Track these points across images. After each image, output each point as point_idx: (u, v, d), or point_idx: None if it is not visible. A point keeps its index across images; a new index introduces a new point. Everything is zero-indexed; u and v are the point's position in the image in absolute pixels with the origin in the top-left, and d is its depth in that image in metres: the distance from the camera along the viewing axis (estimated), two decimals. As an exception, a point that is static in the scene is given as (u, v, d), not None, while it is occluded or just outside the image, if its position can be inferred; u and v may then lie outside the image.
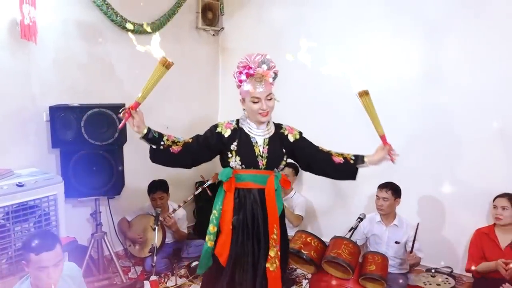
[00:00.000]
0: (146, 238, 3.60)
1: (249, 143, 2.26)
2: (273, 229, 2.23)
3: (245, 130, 2.29)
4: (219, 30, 4.63)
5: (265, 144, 2.27)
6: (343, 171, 2.37)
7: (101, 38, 3.56)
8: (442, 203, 3.44)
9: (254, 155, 2.24)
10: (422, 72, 3.42)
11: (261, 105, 2.21)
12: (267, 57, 2.30)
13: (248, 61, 2.27)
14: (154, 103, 4.02)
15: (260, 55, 2.28)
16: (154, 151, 2.28)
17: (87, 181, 3.07)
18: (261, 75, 2.26)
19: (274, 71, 2.33)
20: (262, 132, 2.30)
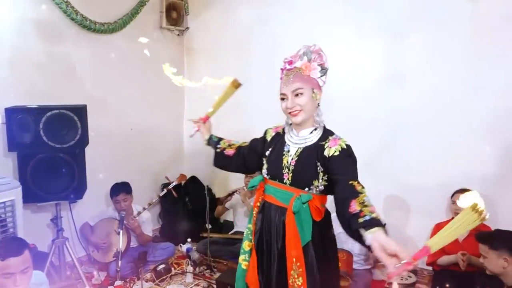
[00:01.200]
0: (110, 242, 3.50)
1: (281, 151, 1.91)
2: (292, 264, 1.79)
3: (284, 136, 1.97)
4: (184, 30, 4.57)
5: (295, 155, 1.86)
6: (345, 223, 1.62)
7: (61, 37, 3.43)
8: (404, 201, 3.53)
9: (281, 166, 1.87)
10: (384, 73, 3.50)
11: (287, 103, 1.84)
12: (314, 48, 1.88)
13: (292, 56, 1.93)
14: (117, 104, 3.94)
15: (305, 46, 1.90)
16: (214, 155, 2.26)
17: (47, 186, 2.94)
18: (296, 69, 1.88)
19: (319, 63, 1.87)
20: (299, 140, 1.89)
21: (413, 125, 3.43)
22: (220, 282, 3.16)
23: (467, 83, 3.20)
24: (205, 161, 4.61)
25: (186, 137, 4.78)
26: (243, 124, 4.32)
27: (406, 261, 1.32)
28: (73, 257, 3.18)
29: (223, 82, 2.24)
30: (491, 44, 3.08)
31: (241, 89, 4.21)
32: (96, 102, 3.63)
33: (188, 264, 3.57)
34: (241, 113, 4.31)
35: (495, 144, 3.15)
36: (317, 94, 1.87)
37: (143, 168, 4.24)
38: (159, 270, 3.40)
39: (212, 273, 3.49)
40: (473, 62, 3.15)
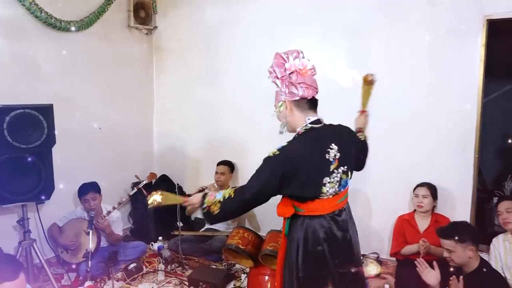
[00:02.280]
0: (80, 243, 3.43)
1: None
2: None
3: None
4: (152, 29, 4.51)
5: None
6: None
7: (24, 35, 3.33)
8: (368, 195, 3.64)
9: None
10: (347, 72, 3.57)
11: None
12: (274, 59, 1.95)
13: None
14: (85, 103, 3.86)
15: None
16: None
17: (12, 187, 2.85)
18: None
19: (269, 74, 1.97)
20: None
21: (375, 122, 3.51)
22: (192, 279, 3.16)
23: (426, 82, 3.32)
24: (175, 159, 4.60)
25: (156, 135, 4.74)
26: (212, 122, 4.33)
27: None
28: (41, 259, 3.10)
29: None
30: (449, 45, 3.21)
31: (209, 88, 4.24)
32: (63, 101, 3.55)
33: (159, 262, 3.55)
34: (209, 111, 4.32)
35: (453, 140, 3.29)
36: (277, 106, 1.91)
37: (113, 167, 4.17)
38: (131, 269, 3.36)
39: (184, 270, 3.49)
40: (432, 62, 3.28)
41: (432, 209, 3.16)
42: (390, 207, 3.49)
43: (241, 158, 4.16)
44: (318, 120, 1.88)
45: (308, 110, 1.88)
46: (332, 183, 1.82)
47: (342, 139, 1.89)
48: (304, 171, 1.76)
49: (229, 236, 3.14)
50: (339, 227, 1.86)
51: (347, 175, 1.89)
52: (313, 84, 1.91)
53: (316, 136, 1.84)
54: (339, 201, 1.89)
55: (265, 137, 3.97)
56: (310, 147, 1.80)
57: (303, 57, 1.93)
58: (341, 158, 1.83)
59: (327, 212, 1.84)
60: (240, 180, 4.22)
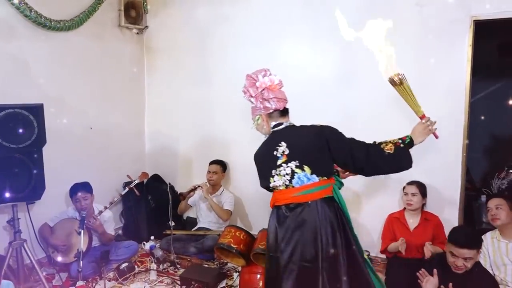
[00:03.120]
0: (71, 243, 3.40)
1: None
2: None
3: None
4: (143, 29, 4.49)
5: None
6: None
7: (14, 35, 3.29)
8: (358, 193, 3.66)
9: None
10: (339, 73, 3.60)
11: None
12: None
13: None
14: (76, 103, 3.83)
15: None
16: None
17: (2, 187, 2.81)
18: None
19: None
20: None
21: (364, 122, 3.54)
22: (184, 278, 3.16)
23: (413, 82, 3.32)
24: (167, 158, 4.59)
25: (147, 135, 4.72)
26: (204, 122, 4.33)
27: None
28: (32, 259, 3.06)
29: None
30: (437, 46, 3.24)
31: (200, 87, 4.21)
32: (54, 101, 3.52)
33: (151, 262, 3.54)
34: (201, 110, 4.31)
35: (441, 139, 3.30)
36: (255, 120, 2.24)
37: (104, 167, 4.15)
38: (122, 269, 3.35)
39: (176, 270, 3.48)
40: (420, 62, 3.30)
41: (421, 207, 3.20)
42: (381, 205, 3.52)
43: (233, 157, 4.16)
44: (279, 124, 2.20)
45: (280, 118, 2.21)
46: (280, 175, 2.08)
47: (297, 138, 2.12)
48: (259, 166, 2.22)
49: (221, 235, 3.15)
50: (292, 219, 2.04)
51: (303, 170, 2.03)
52: (283, 97, 2.22)
53: (272, 137, 2.18)
54: (295, 194, 2.04)
55: (257, 136, 3.98)
56: (265, 146, 2.20)
57: (270, 74, 2.22)
58: (290, 154, 2.07)
59: (282, 203, 2.09)
60: (232, 179, 4.22)
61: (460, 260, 2.35)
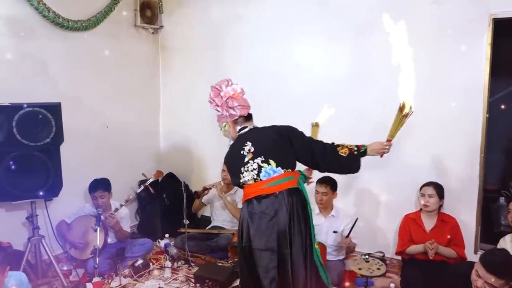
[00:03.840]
0: (87, 240, 3.46)
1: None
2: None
3: None
4: (159, 29, 4.54)
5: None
6: None
7: (33, 35, 3.36)
8: (374, 193, 3.63)
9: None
10: (352, 73, 3.58)
11: None
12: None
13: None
14: (92, 101, 3.89)
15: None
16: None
17: (22, 184, 2.89)
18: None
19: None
20: None
21: (377, 121, 3.50)
22: (198, 276, 3.19)
23: (431, 82, 3.31)
24: (181, 157, 4.63)
25: (162, 134, 4.76)
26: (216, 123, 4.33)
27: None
28: (50, 255, 3.13)
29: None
30: (455, 45, 3.20)
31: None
32: (71, 100, 3.58)
33: (166, 260, 3.58)
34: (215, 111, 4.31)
35: (459, 140, 3.28)
36: (222, 126, 2.46)
37: (120, 165, 4.21)
38: (137, 266, 3.39)
39: (190, 268, 3.51)
40: (437, 61, 3.27)
41: (438, 208, 3.15)
42: (396, 206, 3.49)
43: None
44: (244, 127, 2.42)
45: (244, 122, 2.43)
46: (248, 171, 2.29)
47: (260, 137, 2.36)
48: (229, 166, 2.44)
49: (235, 234, 3.16)
50: (262, 208, 2.25)
51: (269, 164, 2.28)
52: (246, 103, 2.44)
53: (239, 140, 2.39)
54: (263, 187, 2.26)
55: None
56: (233, 148, 2.40)
57: (232, 83, 2.45)
58: (255, 151, 2.30)
59: (252, 196, 2.28)
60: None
61: (482, 282, 2.18)
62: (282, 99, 3.89)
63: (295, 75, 3.83)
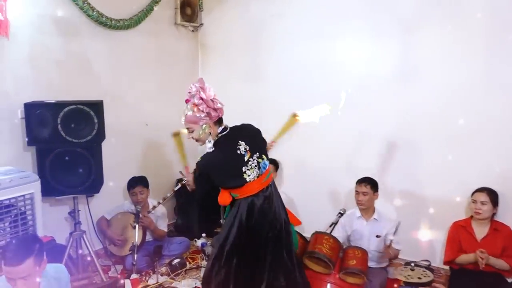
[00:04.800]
0: (126, 236, 3.56)
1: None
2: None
3: None
4: (198, 26, 4.59)
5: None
6: None
7: (77, 33, 3.49)
8: (421, 197, 3.50)
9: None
10: (398, 70, 3.47)
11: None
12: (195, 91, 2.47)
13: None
14: (133, 99, 4.00)
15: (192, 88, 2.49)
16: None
17: (65, 180, 3.01)
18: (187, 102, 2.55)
19: (198, 106, 2.49)
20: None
21: (426, 122, 3.39)
22: (234, 277, 3.19)
23: (484, 80, 3.15)
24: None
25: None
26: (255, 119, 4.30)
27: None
28: (90, 250, 3.25)
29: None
30: (506, 40, 3.02)
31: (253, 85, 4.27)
32: (112, 98, 3.69)
33: (202, 259, 3.61)
34: (253, 108, 4.30)
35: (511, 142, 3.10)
36: (201, 129, 2.46)
37: (159, 163, 4.30)
38: (174, 264, 3.45)
39: (226, 268, 3.52)
40: (488, 58, 3.10)
41: (491, 216, 2.99)
42: (445, 212, 3.34)
43: (285, 156, 4.13)
44: (224, 128, 2.50)
45: (221, 124, 2.52)
46: (252, 168, 2.42)
47: (248, 134, 2.52)
48: (227, 169, 2.41)
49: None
50: (266, 200, 2.44)
51: (263, 158, 2.49)
52: (222, 104, 2.51)
53: (226, 141, 2.45)
54: (264, 180, 2.47)
55: (306, 136, 3.94)
56: (225, 151, 2.43)
57: (208, 85, 2.50)
58: (251, 148, 2.45)
59: (256, 191, 2.42)
60: (284, 178, 4.21)
61: None
62: (323, 98, 3.81)
63: (338, 74, 3.76)
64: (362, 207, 3.29)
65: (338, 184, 3.82)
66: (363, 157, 3.67)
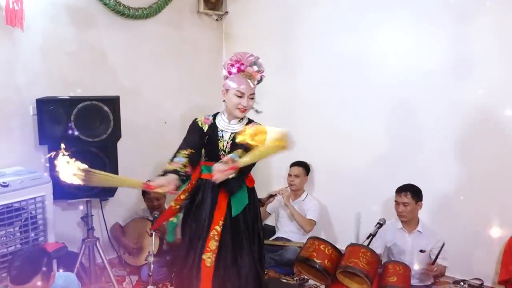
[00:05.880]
0: (142, 244, 3.61)
1: (216, 137, 2.57)
2: (218, 221, 2.48)
3: (216, 124, 2.60)
4: (223, 15, 4.62)
5: (229, 139, 2.55)
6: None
7: (93, 23, 3.56)
8: (471, 207, 3.41)
9: (217, 149, 2.54)
10: (448, 63, 3.40)
11: (243, 101, 2.47)
12: (259, 60, 2.57)
13: (242, 57, 2.53)
14: (151, 95, 4.05)
15: (254, 56, 2.54)
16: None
17: (78, 182, 3.07)
18: (250, 74, 2.53)
19: (261, 75, 2.60)
20: (231, 127, 2.58)
21: (482, 122, 3.30)
22: (260, 292, 3.19)
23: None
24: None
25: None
26: (286, 118, 4.33)
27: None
28: (104, 259, 3.31)
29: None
30: None
31: (284, 79, 4.25)
32: (129, 93, 3.75)
33: (224, 271, 3.62)
34: (283, 105, 4.31)
35: None
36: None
37: (178, 165, 4.33)
38: (194, 276, 3.47)
39: (251, 282, 3.52)
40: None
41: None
42: (499, 225, 3.24)
43: (317, 159, 4.11)
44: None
45: None
46: None
47: None
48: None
49: (303, 248, 3.13)
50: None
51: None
52: None
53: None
54: None
55: (340, 136, 3.91)
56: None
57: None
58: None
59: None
60: (316, 183, 4.18)
61: None
62: (363, 93, 3.80)
63: (379, 66, 3.71)
64: (404, 219, 3.24)
65: (377, 191, 3.76)
66: (405, 162, 3.61)
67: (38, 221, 2.79)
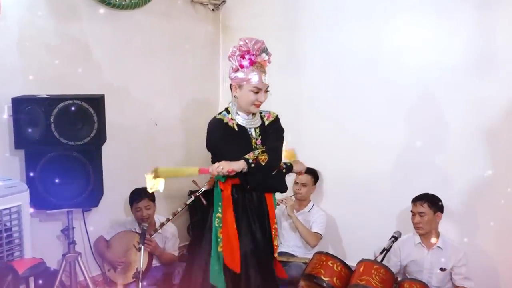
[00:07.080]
0: (129, 260, 3.60)
1: (247, 135, 2.64)
2: (274, 220, 2.73)
3: (239, 122, 2.65)
4: (220, 4, 4.64)
5: (257, 135, 2.66)
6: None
7: (75, 14, 3.57)
8: (498, 218, 3.40)
9: (251, 148, 2.58)
10: (471, 58, 3.41)
11: (260, 97, 2.55)
12: (265, 45, 2.61)
13: (249, 46, 2.55)
14: (140, 93, 4.05)
15: (259, 41, 2.58)
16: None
17: (58, 190, 3.05)
18: (261, 65, 2.58)
19: (269, 61, 2.66)
20: (253, 122, 2.67)
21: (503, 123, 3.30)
22: (261, 313, 3.18)
23: None
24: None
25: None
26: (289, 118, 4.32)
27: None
28: (86, 276, 3.30)
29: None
30: None
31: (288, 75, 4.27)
32: (116, 91, 3.75)
33: (221, 290, 3.62)
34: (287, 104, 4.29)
35: None
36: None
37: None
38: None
39: (251, 302, 3.52)
40: None
41: None
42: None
43: (326, 165, 4.11)
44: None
45: None
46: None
47: None
48: None
49: (309, 264, 3.13)
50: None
51: None
52: None
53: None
54: None
55: (352, 143, 3.91)
56: None
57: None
58: None
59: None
60: (324, 193, 4.19)
61: None
62: (376, 91, 3.80)
63: (393, 61, 3.72)
64: (421, 232, 3.24)
65: (392, 201, 3.76)
66: (425, 168, 3.61)
67: (13, 234, 2.78)
